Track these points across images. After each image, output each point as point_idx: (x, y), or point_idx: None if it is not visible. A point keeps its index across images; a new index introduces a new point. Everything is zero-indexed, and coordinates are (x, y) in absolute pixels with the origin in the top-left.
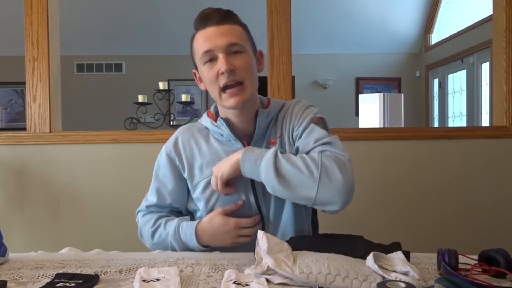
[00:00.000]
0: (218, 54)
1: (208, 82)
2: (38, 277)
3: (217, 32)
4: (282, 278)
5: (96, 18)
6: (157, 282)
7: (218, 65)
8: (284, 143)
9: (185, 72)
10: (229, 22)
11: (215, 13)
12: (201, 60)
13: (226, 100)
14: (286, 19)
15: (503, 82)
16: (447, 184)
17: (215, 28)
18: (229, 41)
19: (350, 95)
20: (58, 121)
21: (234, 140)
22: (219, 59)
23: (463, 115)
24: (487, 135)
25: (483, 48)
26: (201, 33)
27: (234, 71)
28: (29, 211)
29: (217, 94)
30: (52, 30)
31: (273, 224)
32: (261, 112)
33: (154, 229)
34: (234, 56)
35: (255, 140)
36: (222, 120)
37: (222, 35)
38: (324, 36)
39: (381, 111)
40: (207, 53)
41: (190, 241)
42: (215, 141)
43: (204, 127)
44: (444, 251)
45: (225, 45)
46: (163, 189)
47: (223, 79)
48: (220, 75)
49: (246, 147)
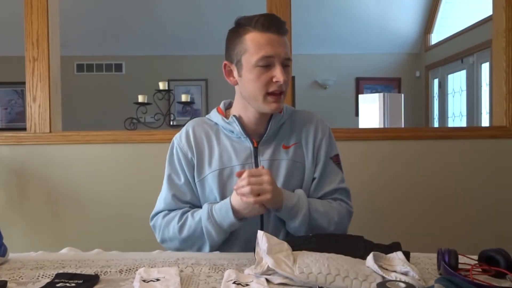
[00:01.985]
0: (276, 63)
1: (257, 84)
2: (38, 277)
3: (279, 42)
4: (282, 278)
5: (96, 18)
6: (157, 282)
7: (274, 72)
8: (299, 150)
9: (185, 72)
10: (286, 35)
11: (279, 23)
12: (255, 61)
13: (269, 103)
14: (286, 19)
15: (503, 82)
16: (447, 184)
17: (278, 37)
18: (287, 54)
19: (350, 95)
20: (58, 121)
21: (244, 137)
22: (275, 67)
23: (463, 115)
24: (487, 135)
25: (483, 48)
26: (262, 35)
27: (285, 82)
28: (29, 211)
29: (260, 96)
30: (52, 30)
31: (275, 224)
32: (276, 116)
33: (182, 223)
34: (285, 69)
35: (264, 141)
36: (234, 118)
37: (283, 46)
38: (324, 36)
39: (381, 111)
40: (268, 59)
41: (226, 217)
42: (225, 137)
43: (214, 123)
44: (444, 251)
45: (284, 57)
46: (181, 185)
47: (275, 87)
48: (273, 82)
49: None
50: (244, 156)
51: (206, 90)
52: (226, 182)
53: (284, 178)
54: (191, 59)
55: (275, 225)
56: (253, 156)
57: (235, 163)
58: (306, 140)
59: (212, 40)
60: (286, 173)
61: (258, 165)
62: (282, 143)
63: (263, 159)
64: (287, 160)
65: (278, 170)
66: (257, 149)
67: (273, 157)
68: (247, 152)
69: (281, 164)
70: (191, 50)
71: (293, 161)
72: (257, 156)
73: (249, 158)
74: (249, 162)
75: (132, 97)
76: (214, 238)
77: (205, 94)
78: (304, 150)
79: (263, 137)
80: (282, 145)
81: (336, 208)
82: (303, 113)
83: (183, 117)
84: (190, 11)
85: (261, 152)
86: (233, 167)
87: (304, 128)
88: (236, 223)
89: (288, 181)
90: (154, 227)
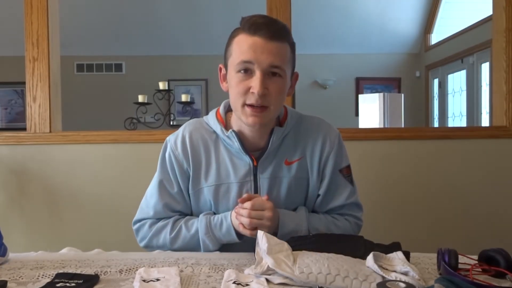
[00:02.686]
0: (256, 71)
1: (235, 91)
2: (38, 277)
3: (264, 48)
4: (282, 278)
5: (96, 18)
6: (157, 282)
7: (252, 82)
8: (303, 165)
9: (185, 72)
10: (279, 40)
11: (269, 26)
12: (235, 66)
13: (246, 116)
14: (286, 19)
15: (503, 82)
16: (447, 184)
17: (264, 42)
18: (272, 62)
19: (350, 95)
20: (58, 121)
21: (243, 154)
22: (254, 75)
23: (463, 115)
24: (487, 135)
25: (483, 48)
26: (247, 38)
27: (266, 95)
28: (29, 211)
29: (239, 106)
30: (52, 30)
31: None
32: (276, 130)
33: (175, 234)
34: (271, 78)
35: (265, 157)
36: (233, 133)
37: (267, 53)
38: (324, 36)
39: (381, 111)
40: (245, 63)
41: (227, 235)
42: (224, 149)
43: (213, 130)
44: (444, 251)
45: (267, 65)
46: (174, 194)
47: (251, 98)
48: (250, 93)
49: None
50: (243, 173)
51: (206, 90)
52: (222, 198)
53: (285, 196)
54: (191, 59)
55: None
56: (252, 174)
57: (233, 180)
58: (311, 154)
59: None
60: (287, 192)
61: (258, 183)
62: (285, 158)
63: (263, 177)
64: (289, 178)
65: (279, 189)
66: (257, 167)
67: (274, 175)
68: (246, 168)
69: (282, 182)
70: (191, 50)
71: (296, 178)
72: (256, 174)
73: (248, 176)
74: (248, 179)
75: (132, 97)
76: (210, 249)
77: (205, 94)
78: (308, 165)
79: (263, 154)
80: (285, 161)
81: (342, 226)
82: (310, 122)
83: (183, 117)
84: (190, 11)
85: (261, 169)
86: (230, 184)
87: (310, 140)
88: (235, 240)
89: (289, 199)
90: (138, 231)
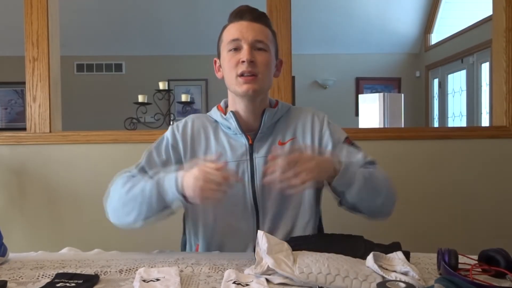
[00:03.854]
0: (243, 45)
1: (228, 68)
2: (38, 277)
3: (249, 27)
4: (282, 278)
5: (96, 18)
6: (157, 282)
7: (241, 54)
8: (297, 145)
9: (185, 72)
10: (262, 23)
11: (252, 11)
12: (226, 47)
13: (240, 85)
14: (286, 19)
15: (503, 82)
16: (447, 184)
17: (248, 23)
18: (256, 36)
19: (350, 95)
20: (58, 121)
21: (239, 133)
22: (243, 49)
23: (463, 115)
24: (487, 135)
25: (483, 48)
26: (233, 24)
27: (254, 63)
28: (29, 211)
29: (233, 79)
30: (52, 30)
31: (271, 219)
32: (268, 110)
33: (132, 180)
34: (257, 52)
35: (260, 137)
36: (231, 113)
37: (252, 30)
38: (324, 36)
39: (381, 111)
40: (234, 42)
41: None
42: (223, 134)
43: (214, 120)
44: (444, 251)
45: (252, 38)
46: (157, 162)
47: (242, 67)
48: (240, 63)
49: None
50: (239, 153)
51: (206, 90)
52: None
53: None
54: (191, 59)
55: (271, 227)
56: (248, 153)
57: (230, 159)
58: (303, 133)
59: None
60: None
61: (253, 162)
62: (278, 139)
63: (258, 156)
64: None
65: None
66: (253, 146)
67: (268, 154)
68: (242, 149)
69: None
70: (191, 50)
71: None
72: (252, 153)
73: (244, 155)
74: (244, 159)
75: (132, 97)
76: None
77: (205, 94)
78: (300, 142)
79: (258, 133)
80: (278, 141)
81: (376, 171)
82: (299, 108)
83: (183, 117)
84: (190, 11)
85: (256, 149)
86: (227, 163)
87: (300, 122)
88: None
89: None
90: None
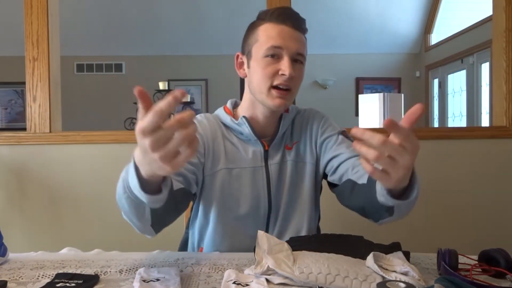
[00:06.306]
0: (284, 55)
1: (261, 75)
2: (38, 277)
3: (292, 35)
4: (282, 278)
5: (96, 18)
6: (157, 282)
7: (281, 65)
8: (299, 149)
9: (185, 72)
10: (302, 32)
11: (296, 18)
12: (263, 50)
13: (272, 98)
14: None
15: (503, 82)
16: (446, 184)
17: (291, 30)
18: (298, 49)
19: (350, 95)
20: (58, 121)
21: (254, 140)
22: (283, 60)
23: (463, 115)
24: (487, 135)
25: (483, 48)
26: (274, 26)
27: (292, 78)
28: (29, 211)
29: (265, 88)
30: (52, 30)
31: (283, 219)
32: (285, 116)
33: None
34: (295, 64)
35: (275, 143)
36: (244, 119)
37: (295, 40)
38: (324, 36)
39: (381, 111)
40: (276, 49)
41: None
42: (236, 139)
43: (222, 121)
44: (444, 251)
45: (294, 50)
46: None
47: (280, 79)
48: (279, 75)
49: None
50: (255, 159)
51: (206, 90)
52: (234, 182)
53: (290, 180)
54: (191, 59)
55: (279, 230)
56: (264, 160)
57: (245, 165)
58: (304, 137)
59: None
60: (291, 175)
61: (269, 169)
62: (286, 144)
63: (273, 163)
64: (291, 161)
65: (285, 172)
66: (268, 152)
67: (280, 160)
68: (257, 155)
69: (287, 165)
70: (191, 50)
71: (295, 161)
72: (267, 159)
73: (259, 162)
74: (260, 165)
75: (132, 97)
76: (124, 204)
77: (205, 94)
78: (302, 147)
79: (273, 139)
80: (286, 146)
81: None
82: (303, 110)
83: None
84: (190, 11)
85: (271, 155)
86: (243, 169)
87: (303, 126)
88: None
89: (294, 182)
90: None
